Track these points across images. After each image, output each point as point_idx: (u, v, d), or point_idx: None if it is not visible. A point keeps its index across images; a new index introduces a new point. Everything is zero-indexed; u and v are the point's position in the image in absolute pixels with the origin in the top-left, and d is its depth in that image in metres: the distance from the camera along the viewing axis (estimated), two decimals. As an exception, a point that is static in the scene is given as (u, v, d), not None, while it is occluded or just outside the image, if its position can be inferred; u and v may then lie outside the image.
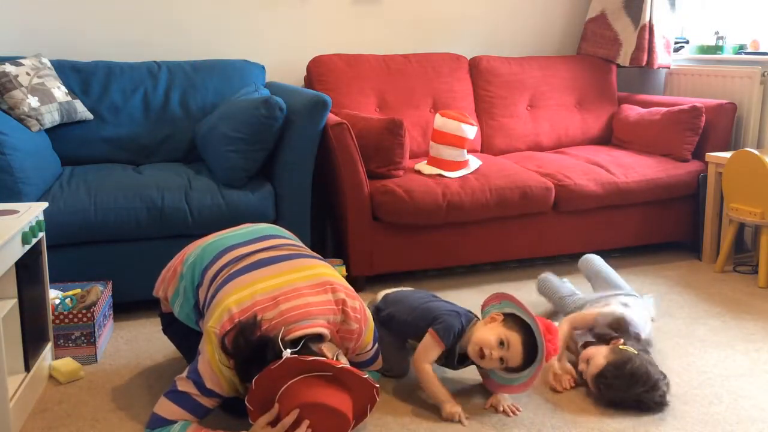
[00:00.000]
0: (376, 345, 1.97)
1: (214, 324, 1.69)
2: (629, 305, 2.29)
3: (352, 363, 1.79)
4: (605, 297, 2.38)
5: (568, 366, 2.14)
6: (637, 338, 2.11)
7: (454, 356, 2.00)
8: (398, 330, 2.13)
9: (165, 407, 1.72)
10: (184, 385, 1.72)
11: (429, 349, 1.98)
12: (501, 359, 1.90)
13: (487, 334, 1.91)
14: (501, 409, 1.96)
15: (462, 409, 1.93)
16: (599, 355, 2.01)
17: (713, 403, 2.01)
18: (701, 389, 2.09)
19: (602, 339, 2.12)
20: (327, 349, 1.73)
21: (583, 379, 2.06)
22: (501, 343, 1.89)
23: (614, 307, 2.25)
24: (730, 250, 3.17)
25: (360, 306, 1.84)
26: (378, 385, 1.73)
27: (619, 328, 2.13)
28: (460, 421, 1.90)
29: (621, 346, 2.03)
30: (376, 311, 2.20)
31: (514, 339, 1.89)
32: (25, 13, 3.18)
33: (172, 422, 1.71)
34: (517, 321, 1.93)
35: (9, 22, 3.16)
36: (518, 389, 1.94)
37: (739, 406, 2.00)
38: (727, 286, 2.98)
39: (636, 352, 2.00)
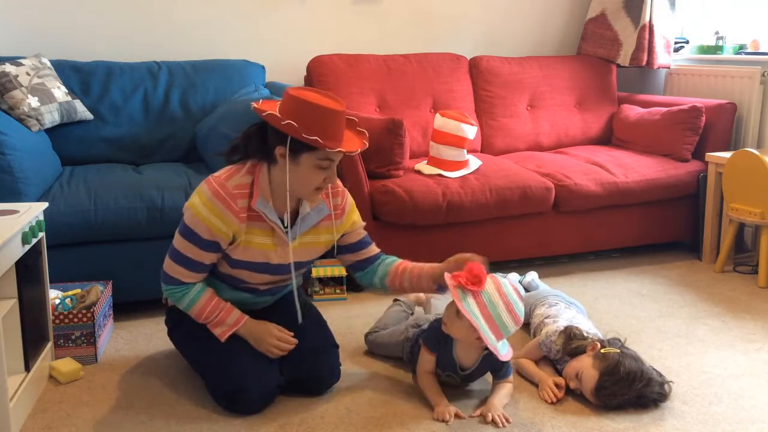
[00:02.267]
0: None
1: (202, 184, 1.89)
2: (552, 315, 2.28)
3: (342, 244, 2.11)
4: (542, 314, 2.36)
5: (557, 378, 2.08)
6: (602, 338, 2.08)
7: (455, 365, 1.99)
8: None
9: (166, 264, 1.93)
10: (174, 240, 1.91)
11: (422, 357, 2.05)
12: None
13: None
14: (489, 419, 1.88)
15: (458, 411, 1.92)
16: (587, 368, 1.97)
17: (713, 403, 2.01)
18: (701, 389, 2.09)
19: (575, 352, 2.05)
20: None
21: (578, 394, 2.01)
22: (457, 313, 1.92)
23: (549, 326, 2.21)
24: (730, 250, 3.17)
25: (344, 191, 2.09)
26: (367, 135, 1.94)
27: (575, 336, 2.08)
28: (445, 421, 1.88)
29: (602, 350, 1.99)
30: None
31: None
32: (25, 13, 3.18)
33: (178, 280, 1.91)
34: None
35: (9, 22, 3.16)
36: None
37: (739, 406, 2.00)
38: (727, 286, 2.98)
39: (619, 351, 1.98)
